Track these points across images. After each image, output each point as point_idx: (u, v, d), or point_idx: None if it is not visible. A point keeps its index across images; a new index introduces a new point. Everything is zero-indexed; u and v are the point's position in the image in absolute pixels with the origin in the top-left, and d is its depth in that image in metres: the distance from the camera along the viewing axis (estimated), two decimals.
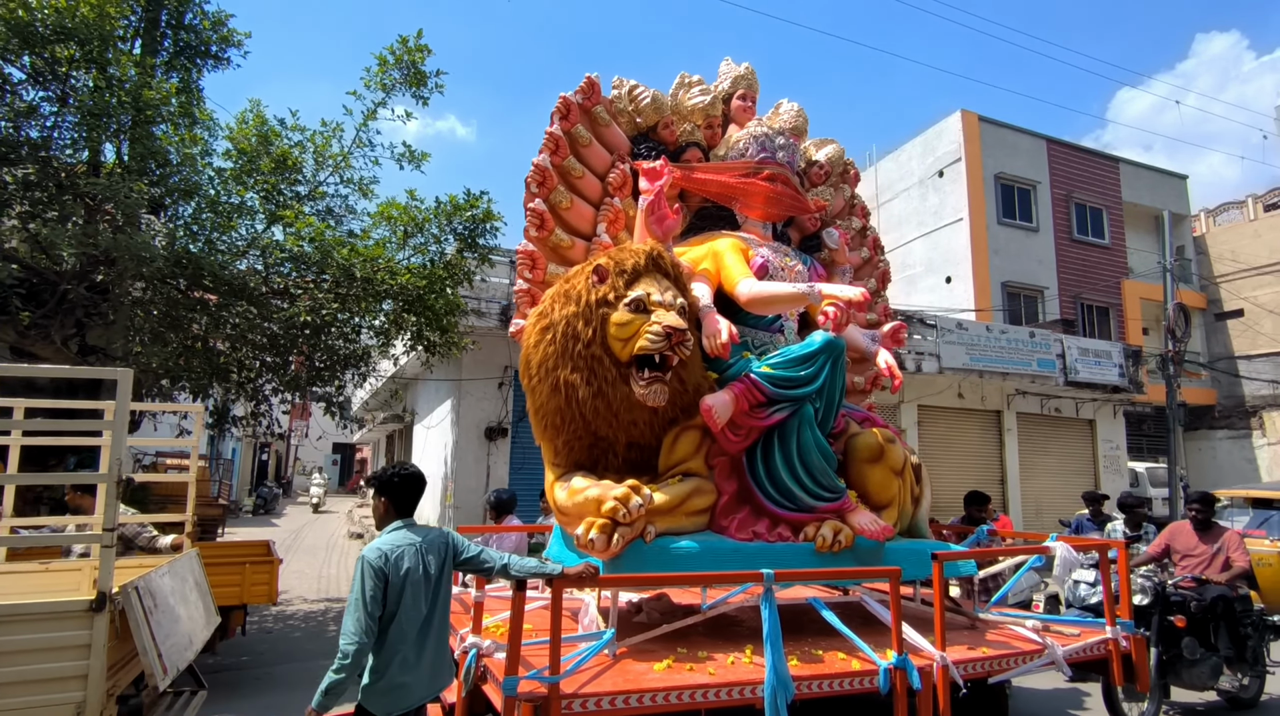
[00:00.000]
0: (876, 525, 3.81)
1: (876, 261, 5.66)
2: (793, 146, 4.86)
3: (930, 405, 14.81)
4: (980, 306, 17.98)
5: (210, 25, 8.32)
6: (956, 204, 18.76)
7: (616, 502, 3.31)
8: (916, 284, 19.75)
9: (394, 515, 2.92)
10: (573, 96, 4.52)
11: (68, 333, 7.35)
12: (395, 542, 2.78)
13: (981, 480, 15.26)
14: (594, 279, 3.65)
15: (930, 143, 19.82)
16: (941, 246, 19.15)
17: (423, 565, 2.78)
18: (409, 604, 2.71)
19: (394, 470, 2.96)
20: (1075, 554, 4.13)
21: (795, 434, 3.82)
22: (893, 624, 3.17)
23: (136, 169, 7.11)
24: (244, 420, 9.05)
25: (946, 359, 13.98)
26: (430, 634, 2.78)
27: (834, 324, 3.93)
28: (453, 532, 2.99)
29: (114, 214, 7.04)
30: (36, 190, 6.89)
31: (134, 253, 6.33)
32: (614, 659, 3.22)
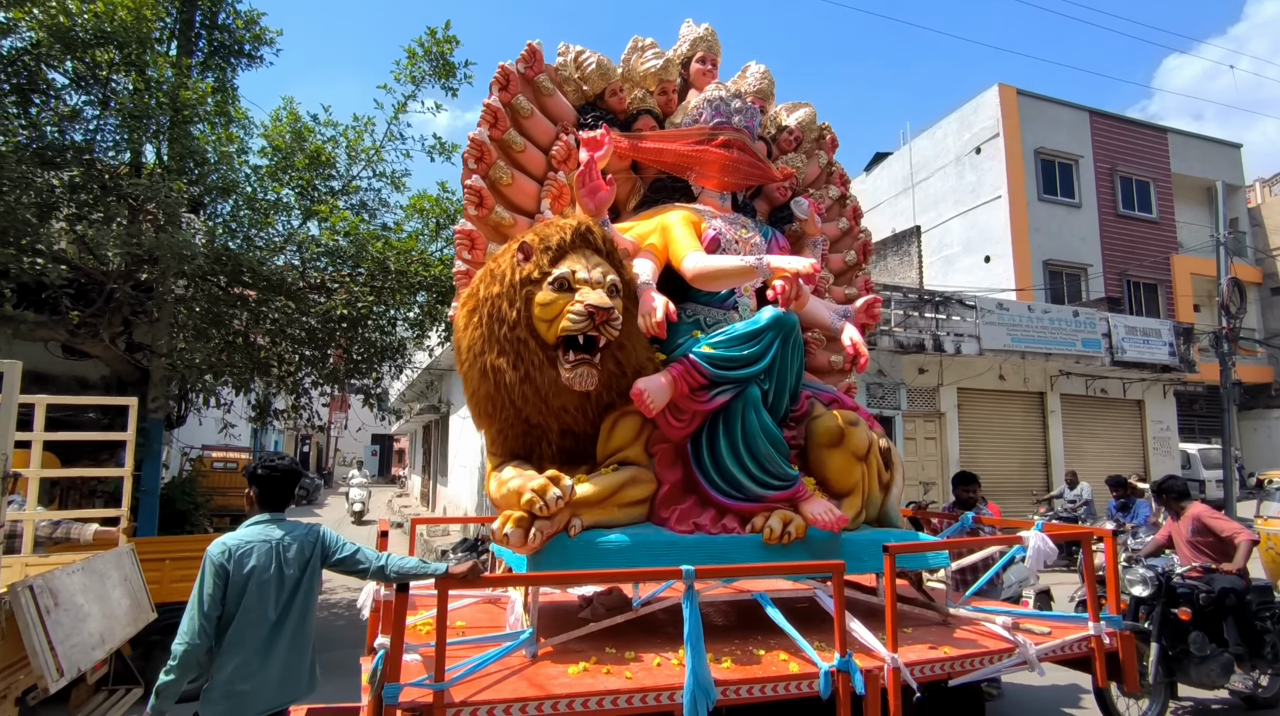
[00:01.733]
0: (831, 514, 3.54)
1: (857, 232, 5.23)
2: (752, 110, 4.47)
3: (971, 388, 14.49)
4: (1021, 286, 17.51)
5: (243, 24, 8.42)
6: (995, 181, 18.25)
7: (533, 495, 3.11)
8: (954, 264, 19.31)
9: (259, 508, 2.74)
10: (513, 65, 4.25)
11: (115, 331, 7.55)
12: (246, 539, 2.58)
13: (1025, 464, 14.93)
14: (519, 257, 3.42)
15: (967, 119, 19.29)
16: (980, 225, 18.67)
17: (276, 565, 2.56)
18: (252, 605, 2.49)
19: (262, 461, 2.78)
20: (1050, 545, 3.75)
21: (740, 418, 3.56)
22: (836, 622, 2.89)
23: (176, 168, 7.25)
24: (285, 413, 9.23)
25: (987, 340, 13.64)
26: (280, 639, 2.54)
27: (783, 298, 3.64)
28: (326, 531, 2.78)
29: (156, 213, 7.20)
30: (82, 192, 7.06)
31: (176, 251, 6.45)
32: (532, 660, 3.03)
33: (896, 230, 21.07)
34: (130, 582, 4.35)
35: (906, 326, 13.36)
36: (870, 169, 23.65)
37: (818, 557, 3.46)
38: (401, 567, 2.72)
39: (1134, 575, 4.88)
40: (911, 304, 13.67)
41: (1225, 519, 4.96)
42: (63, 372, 8.51)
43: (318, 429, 34.92)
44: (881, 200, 22.42)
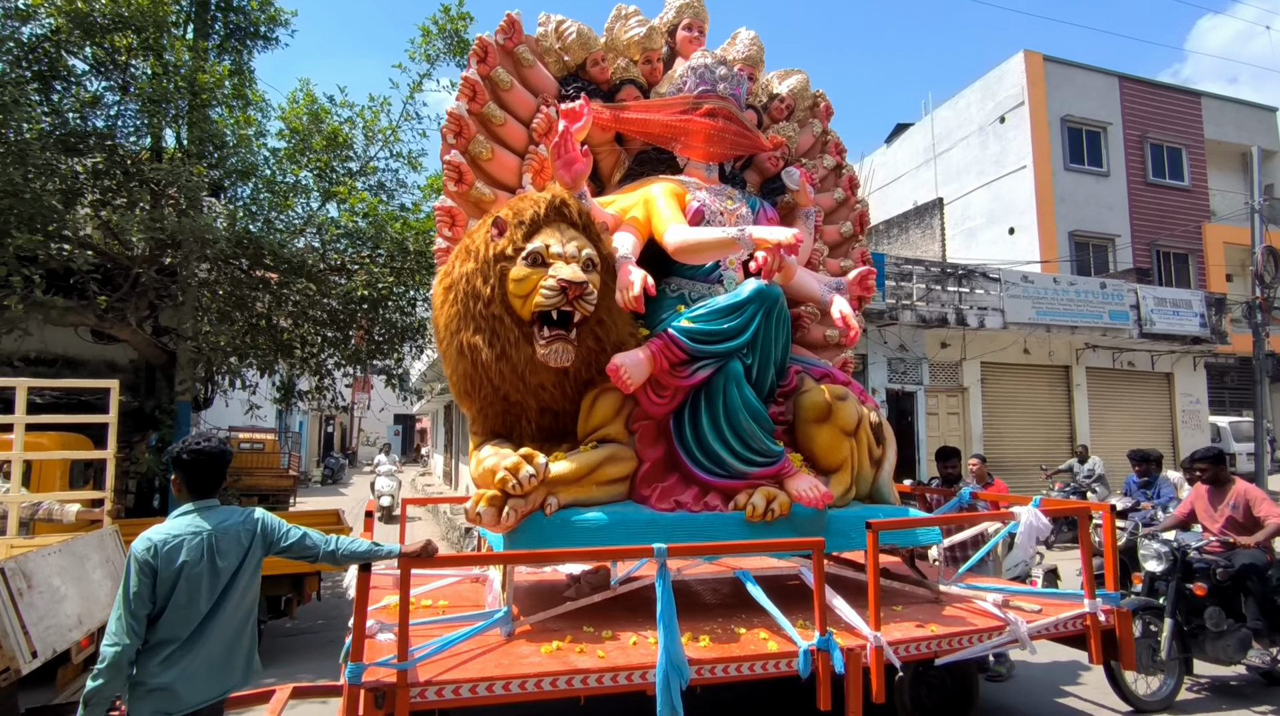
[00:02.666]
0: (816, 491, 3.47)
1: (853, 202, 5.11)
2: (738, 77, 4.34)
3: (994, 362, 14.31)
4: (1046, 257, 17.18)
5: (257, 6, 8.40)
6: (1019, 151, 17.84)
7: (506, 473, 3.08)
8: (977, 236, 18.98)
9: (186, 495, 2.59)
10: (492, 37, 4.17)
11: (142, 315, 7.66)
12: (173, 532, 2.46)
13: (1050, 438, 14.75)
14: (493, 232, 3.37)
15: (990, 87, 18.83)
16: (1004, 196, 18.30)
17: (208, 557, 2.45)
18: (181, 601, 2.40)
19: (188, 444, 2.61)
20: (1044, 521, 3.64)
21: (722, 393, 3.50)
22: (815, 600, 2.85)
23: (196, 152, 7.29)
24: (309, 394, 9.34)
25: (1011, 313, 13.43)
26: (210, 631, 2.45)
27: (765, 270, 3.55)
28: (266, 516, 2.68)
29: (178, 198, 7.26)
30: (105, 178, 7.14)
31: (198, 235, 6.51)
32: (508, 638, 3.00)
33: (918, 202, 20.73)
34: (113, 563, 4.36)
35: (929, 300, 13.18)
36: (891, 140, 23.23)
37: (804, 535, 3.37)
38: (353, 550, 2.68)
39: (1148, 549, 4.79)
40: (934, 277, 13.47)
41: (1271, 503, 4.80)
42: (92, 357, 8.68)
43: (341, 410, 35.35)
44: (903, 172, 22.04)
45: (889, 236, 21.19)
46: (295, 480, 15.72)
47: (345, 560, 2.68)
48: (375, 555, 2.70)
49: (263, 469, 13.19)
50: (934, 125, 20.72)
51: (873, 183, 23.31)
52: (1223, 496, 4.94)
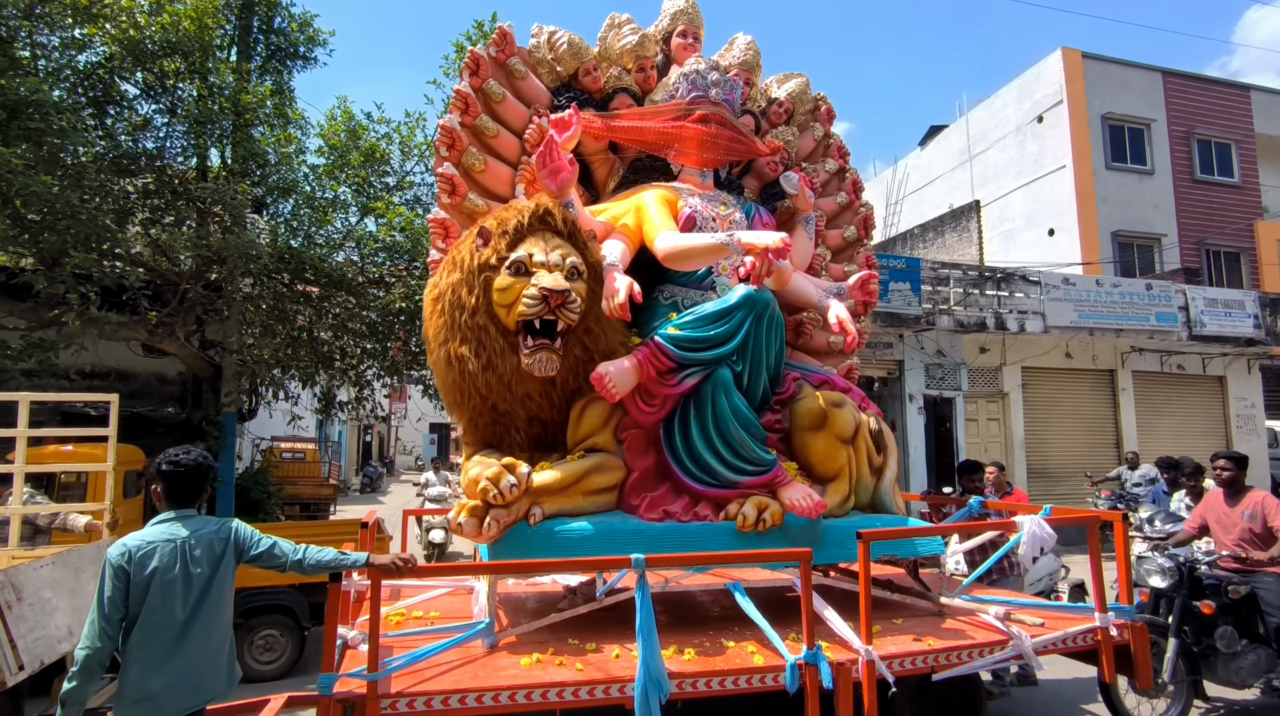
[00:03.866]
0: (809, 500, 3.37)
1: (857, 206, 4.99)
2: (731, 82, 4.30)
3: (1036, 366, 13.98)
4: (1088, 259, 16.75)
5: (297, 27, 8.65)
6: (1058, 150, 17.45)
7: (487, 483, 3.05)
8: (1015, 239, 18.59)
9: (166, 505, 2.65)
10: (484, 50, 4.21)
11: (189, 329, 7.91)
12: (148, 538, 2.51)
13: (1094, 444, 14.35)
14: (478, 242, 3.37)
15: (1027, 86, 18.47)
16: (1043, 197, 17.91)
17: (182, 563, 2.49)
18: (156, 606, 2.43)
19: (168, 456, 2.67)
20: (1048, 531, 3.48)
21: (710, 401, 3.44)
22: (804, 613, 2.74)
23: (239, 171, 7.52)
24: (349, 404, 9.53)
25: (1052, 317, 13.11)
26: (190, 639, 2.48)
27: (754, 275, 3.49)
28: (239, 525, 2.71)
29: (223, 215, 7.49)
30: (154, 198, 7.40)
31: (242, 251, 6.71)
32: (490, 650, 2.97)
33: (954, 205, 20.40)
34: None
35: (967, 304, 12.94)
36: (925, 143, 22.92)
37: (798, 545, 3.26)
38: (320, 560, 2.68)
39: (1152, 564, 4.51)
40: (971, 281, 13.23)
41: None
42: (143, 370, 8.98)
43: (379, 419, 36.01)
44: (937, 175, 21.72)
45: (924, 240, 20.88)
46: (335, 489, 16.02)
47: (313, 570, 2.68)
48: (341, 564, 2.70)
49: (304, 478, 13.46)
50: (969, 126, 20.39)
51: (906, 186, 23.01)
52: (1238, 505, 4.62)
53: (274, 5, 8.61)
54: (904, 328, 12.62)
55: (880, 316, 12.00)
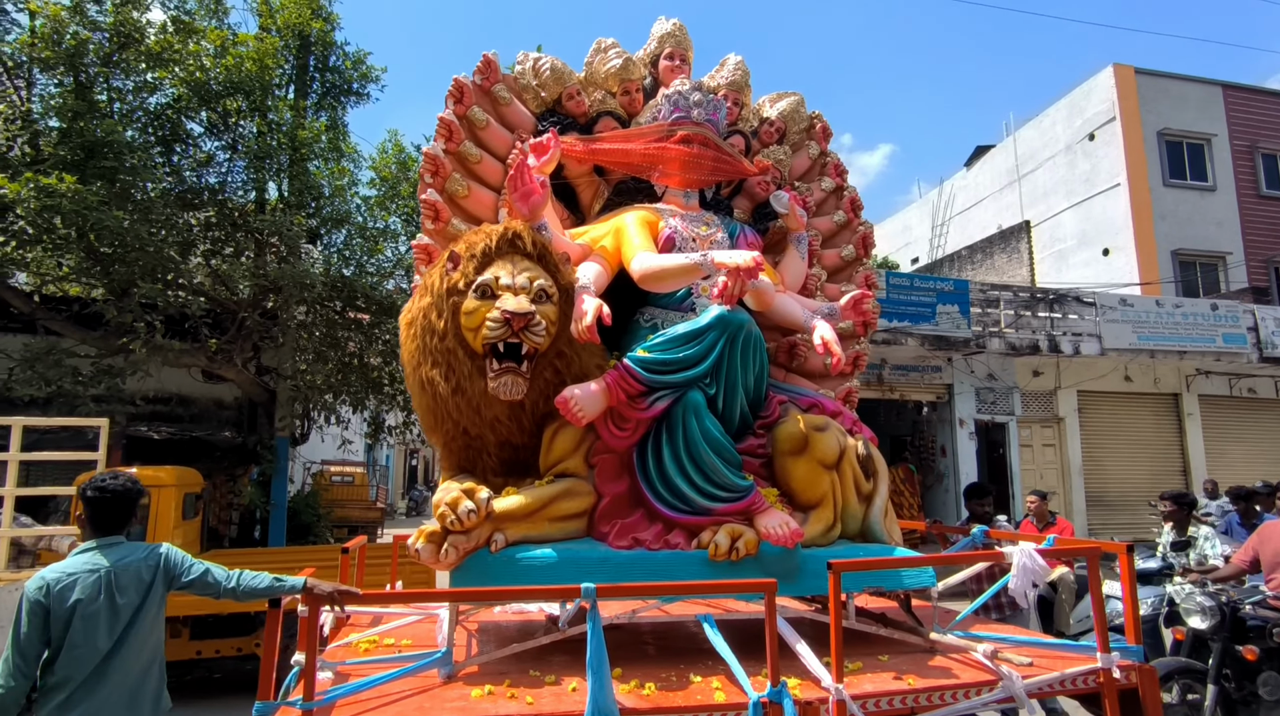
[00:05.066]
0: (785, 528, 3.23)
1: (856, 225, 4.85)
2: (715, 103, 4.26)
3: (1093, 390, 13.49)
4: (1146, 279, 16.18)
5: (351, 65, 9.00)
6: (1112, 168, 16.99)
7: (445, 508, 2.99)
8: (1068, 259, 18.09)
9: (90, 532, 2.57)
10: (468, 78, 4.24)
11: (246, 356, 8.19)
12: (68, 570, 2.45)
13: (1159, 473, 13.72)
14: (448, 266, 3.35)
15: (1077, 104, 18.09)
16: (1095, 216, 17.42)
17: (105, 595, 2.43)
18: (78, 640, 2.38)
19: (94, 481, 2.60)
20: (1039, 563, 3.29)
21: (681, 424, 3.33)
22: (769, 647, 2.61)
23: (295, 203, 7.81)
24: (397, 428, 9.71)
25: (1109, 339, 12.67)
26: (113, 670, 2.43)
27: (725, 295, 3.39)
28: (170, 551, 2.64)
29: (279, 246, 7.78)
30: (216, 230, 7.73)
31: (297, 280, 6.94)
32: (446, 681, 2.88)
33: (1003, 226, 19.99)
34: None
35: (1018, 327, 12.60)
36: (970, 164, 22.58)
37: (774, 575, 3.13)
38: (254, 586, 2.61)
39: (1191, 603, 4.22)
40: (1023, 303, 12.89)
41: None
42: (202, 395, 9.30)
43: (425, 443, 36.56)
44: (984, 196, 21.35)
45: (972, 262, 20.47)
46: (382, 512, 16.27)
47: (247, 596, 2.61)
48: (277, 591, 2.62)
49: (352, 501, 13.72)
50: (1016, 146, 20.03)
51: (953, 207, 22.66)
52: None
53: (329, 45, 9.00)
54: (953, 351, 12.34)
55: (928, 339, 11.76)
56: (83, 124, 6.65)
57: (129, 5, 7.18)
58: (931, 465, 13.25)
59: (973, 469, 12.66)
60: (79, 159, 6.67)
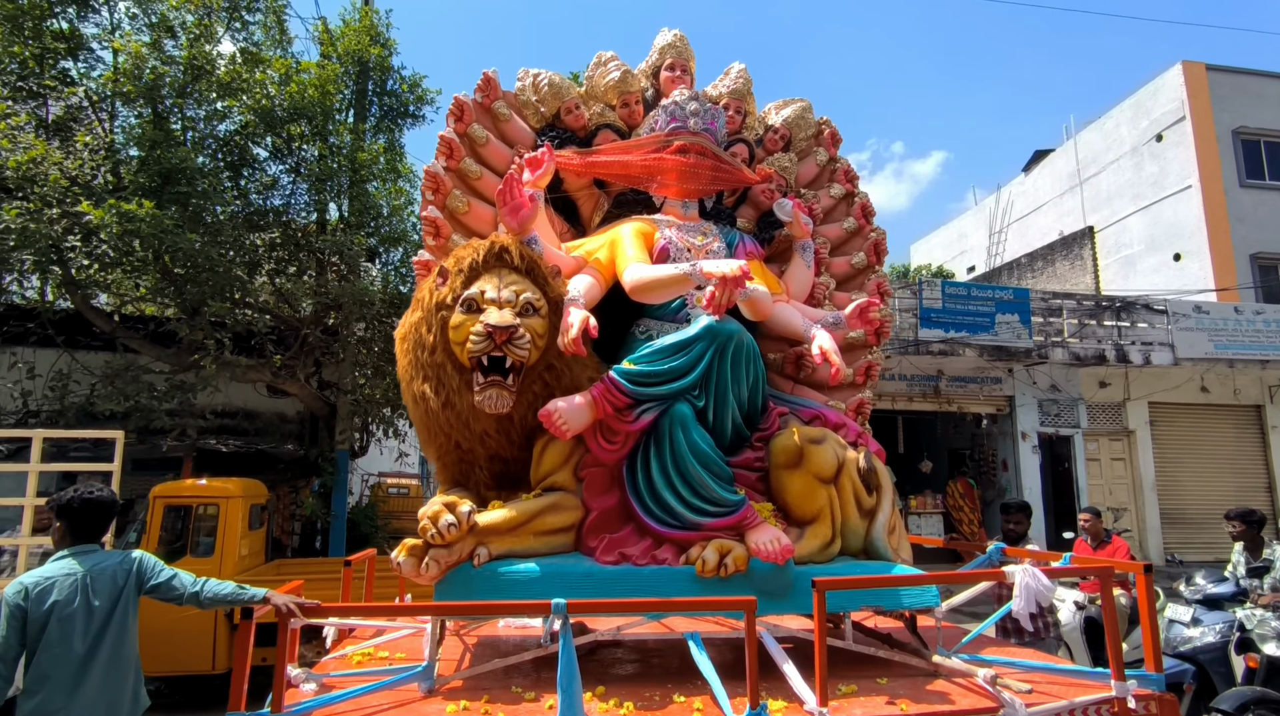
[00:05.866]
0: (775, 544, 3.13)
1: (867, 231, 4.72)
2: (713, 111, 4.22)
3: (1165, 402, 12.88)
4: (1222, 285, 15.39)
5: (407, 88, 9.28)
6: (1182, 169, 16.27)
7: (426, 521, 2.99)
8: (1135, 265, 17.35)
9: (68, 541, 2.71)
10: (468, 96, 4.29)
11: (309, 371, 8.47)
12: (47, 575, 2.58)
13: (1242, 489, 12.98)
14: (437, 280, 3.38)
15: (1143, 104, 17.40)
16: (1165, 220, 16.68)
17: (81, 598, 2.55)
18: (54, 641, 2.49)
19: (73, 492, 2.72)
20: (1044, 583, 3.12)
21: (668, 437, 3.27)
22: (749, 668, 2.53)
23: (355, 223, 8.07)
24: None
25: (1183, 348, 12.08)
26: (91, 672, 2.54)
27: (713, 305, 3.31)
28: (143, 556, 2.75)
29: (339, 265, 8.04)
30: (280, 250, 8.04)
31: (357, 297, 7.16)
32: (426, 695, 2.87)
33: (1064, 232, 19.33)
34: None
35: (1082, 336, 12.13)
36: (1029, 169, 21.93)
37: (764, 592, 3.05)
38: (217, 593, 2.70)
39: (1267, 628, 3.98)
40: (1087, 311, 12.42)
41: None
42: (266, 409, 9.65)
43: None
44: (1044, 201, 20.69)
45: (1032, 270, 19.83)
46: None
47: (210, 603, 2.70)
48: (239, 599, 2.70)
49: (408, 512, 13.99)
50: (1078, 149, 19.37)
51: (1011, 214, 22.02)
52: None
53: (387, 70, 9.30)
54: (1014, 361, 11.94)
55: (987, 350, 11.42)
56: (159, 152, 7.02)
57: (202, 39, 7.57)
58: (992, 479, 12.82)
59: (1036, 483, 12.18)
60: (156, 185, 7.03)
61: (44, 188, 6.50)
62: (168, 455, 8.19)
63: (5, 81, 7.33)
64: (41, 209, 6.41)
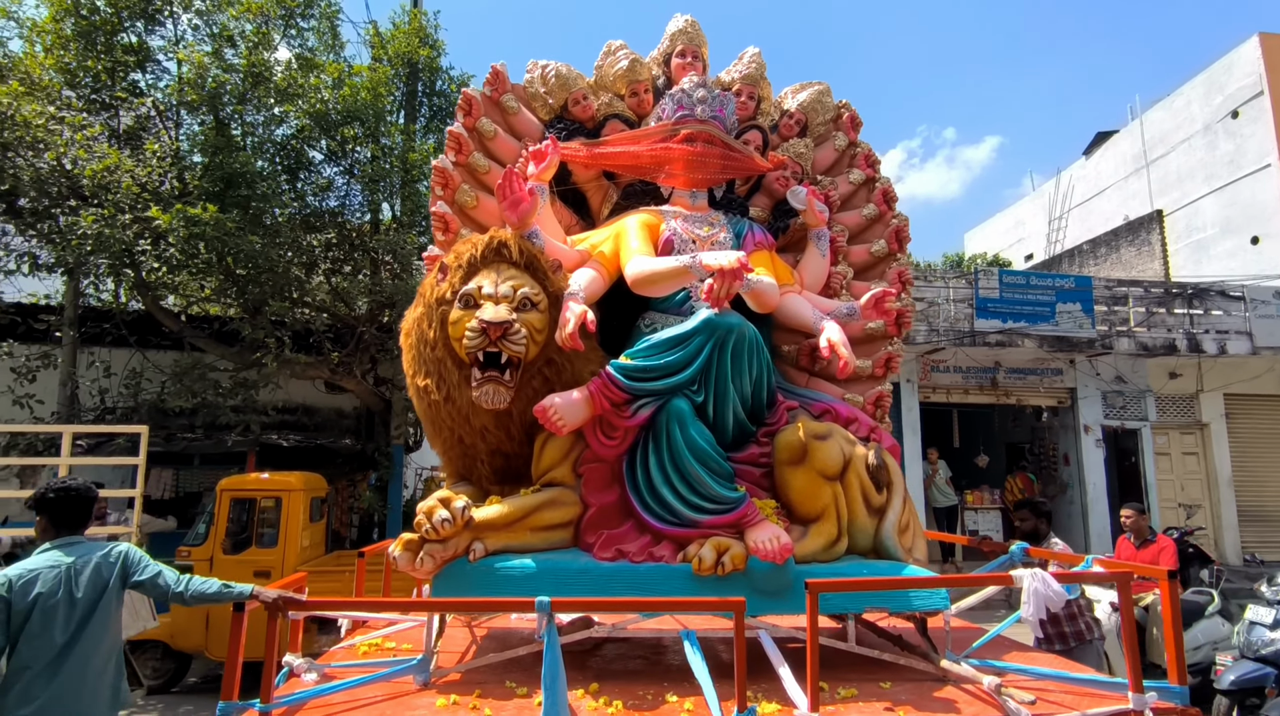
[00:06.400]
0: (774, 543, 3.04)
1: (889, 218, 4.53)
2: (720, 98, 4.09)
3: (1243, 393, 12.22)
4: None
5: (456, 89, 9.41)
6: (1261, 148, 15.38)
7: (421, 516, 2.99)
8: (1208, 250, 16.50)
9: (51, 533, 2.76)
10: (477, 91, 4.28)
11: (364, 368, 8.69)
12: (32, 566, 2.63)
13: None
14: (438, 276, 3.39)
15: (1216, 80, 16.51)
16: (1241, 201, 15.81)
17: (65, 589, 2.61)
18: (36, 631, 2.54)
19: (51, 485, 2.78)
20: (1055, 589, 2.93)
21: (665, 433, 3.22)
22: (737, 670, 2.47)
23: (407, 223, 8.24)
24: None
25: (1262, 337, 11.45)
26: (69, 662, 2.58)
27: (713, 297, 3.25)
28: (130, 550, 2.78)
29: (393, 263, 8.22)
30: (335, 250, 8.26)
31: (410, 295, 7.30)
32: (422, 687, 2.88)
33: (1129, 217, 18.52)
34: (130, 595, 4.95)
35: (1150, 325, 11.60)
36: (1090, 152, 21.07)
37: (763, 591, 2.99)
38: (202, 591, 2.72)
39: None
40: (1155, 299, 11.87)
41: None
42: (324, 405, 9.94)
43: None
44: (1107, 185, 19.84)
45: (1095, 256, 19.05)
46: None
47: (194, 601, 2.73)
48: (224, 597, 2.71)
49: None
50: (1144, 129, 18.50)
51: (1072, 199, 21.20)
52: None
53: (435, 71, 9.45)
54: (1075, 352, 11.50)
55: (1047, 340, 11.02)
56: (222, 158, 7.28)
57: (260, 47, 7.82)
58: (1054, 474, 12.38)
59: (1100, 478, 11.72)
60: (218, 190, 7.30)
61: (117, 195, 6.81)
62: (232, 450, 8.50)
63: (81, 95, 7.71)
64: (115, 215, 6.72)
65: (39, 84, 7.43)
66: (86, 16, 7.41)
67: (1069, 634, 4.29)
